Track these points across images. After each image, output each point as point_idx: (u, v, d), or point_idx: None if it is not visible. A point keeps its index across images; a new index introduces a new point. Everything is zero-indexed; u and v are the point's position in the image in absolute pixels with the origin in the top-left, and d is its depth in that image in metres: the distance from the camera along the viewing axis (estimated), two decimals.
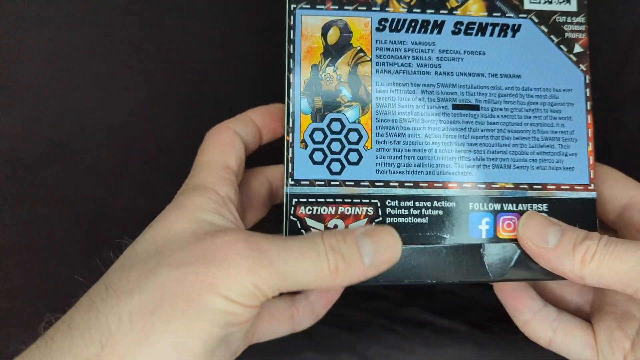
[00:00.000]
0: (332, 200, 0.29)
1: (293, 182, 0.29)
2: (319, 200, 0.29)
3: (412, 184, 0.30)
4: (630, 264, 0.26)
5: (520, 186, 0.30)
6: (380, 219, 0.29)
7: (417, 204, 0.30)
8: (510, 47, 0.31)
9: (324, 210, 0.29)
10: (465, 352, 0.37)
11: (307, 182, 0.29)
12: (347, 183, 0.29)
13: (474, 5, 0.31)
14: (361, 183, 0.30)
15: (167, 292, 0.23)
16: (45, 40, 0.37)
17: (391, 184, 0.30)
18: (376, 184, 0.30)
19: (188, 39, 0.38)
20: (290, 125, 0.30)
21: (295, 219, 0.29)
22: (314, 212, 0.29)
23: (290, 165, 0.29)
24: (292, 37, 0.30)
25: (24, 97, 0.36)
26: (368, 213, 0.29)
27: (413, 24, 0.31)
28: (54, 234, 0.36)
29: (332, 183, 0.29)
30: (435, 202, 0.30)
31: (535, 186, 0.30)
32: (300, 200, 0.29)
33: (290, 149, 0.30)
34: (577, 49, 0.31)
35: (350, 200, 0.29)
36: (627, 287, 0.26)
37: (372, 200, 0.29)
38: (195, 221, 0.26)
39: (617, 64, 0.35)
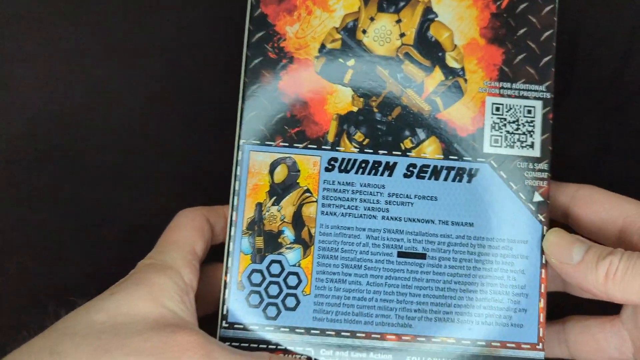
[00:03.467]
0: (265, 346, 0.29)
1: (227, 325, 0.29)
2: (251, 346, 0.29)
3: (349, 334, 0.29)
4: None
5: (463, 342, 0.29)
6: None
7: (352, 354, 0.29)
8: (465, 192, 0.30)
9: None
10: None
11: (241, 327, 0.29)
12: (282, 329, 0.29)
13: (429, 147, 0.30)
14: (296, 330, 0.29)
15: None
16: (45, 40, 0.37)
17: (327, 332, 0.29)
18: (312, 331, 0.29)
19: (188, 39, 0.38)
20: (229, 265, 0.29)
21: None
22: None
23: (225, 307, 0.29)
24: (238, 173, 0.30)
25: (24, 97, 0.37)
26: None
27: (363, 165, 0.30)
28: (54, 234, 0.36)
29: (266, 328, 0.29)
30: (372, 353, 0.29)
31: (479, 342, 0.29)
32: (233, 344, 0.29)
33: (227, 290, 0.29)
34: (537, 197, 0.30)
35: (283, 348, 0.29)
36: None
37: (307, 349, 0.29)
38: (159, 306, 0.26)
39: (617, 65, 0.35)
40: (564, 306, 0.33)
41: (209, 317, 0.30)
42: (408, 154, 0.30)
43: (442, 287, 0.29)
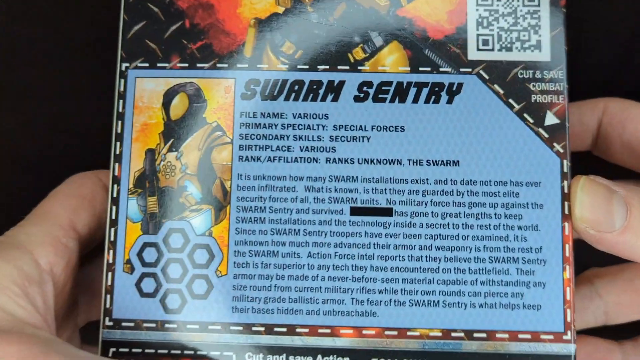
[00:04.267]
0: (166, 351, 0.20)
1: (111, 323, 0.20)
2: (147, 351, 0.20)
3: (285, 330, 0.20)
4: None
5: (453, 334, 0.20)
6: None
7: (291, 359, 0.20)
8: (445, 118, 0.21)
9: None
10: None
11: (132, 324, 0.20)
12: (189, 326, 0.20)
13: (390, 57, 0.21)
14: (210, 327, 0.20)
15: None
16: (45, 40, 0.36)
17: (254, 328, 0.20)
18: (231, 328, 0.20)
19: None
20: (112, 239, 0.21)
21: None
22: None
23: (108, 297, 0.21)
24: (121, 109, 0.21)
25: (24, 97, 0.36)
26: None
27: (297, 87, 0.21)
28: None
29: (167, 326, 0.20)
30: (320, 357, 0.20)
31: (476, 334, 0.20)
32: (121, 350, 0.20)
33: (110, 274, 0.21)
34: (550, 119, 0.21)
35: (192, 352, 0.20)
36: None
37: (225, 353, 0.20)
38: None
39: (617, 65, 0.32)
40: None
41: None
42: (360, 68, 0.21)
43: (417, 255, 0.20)
